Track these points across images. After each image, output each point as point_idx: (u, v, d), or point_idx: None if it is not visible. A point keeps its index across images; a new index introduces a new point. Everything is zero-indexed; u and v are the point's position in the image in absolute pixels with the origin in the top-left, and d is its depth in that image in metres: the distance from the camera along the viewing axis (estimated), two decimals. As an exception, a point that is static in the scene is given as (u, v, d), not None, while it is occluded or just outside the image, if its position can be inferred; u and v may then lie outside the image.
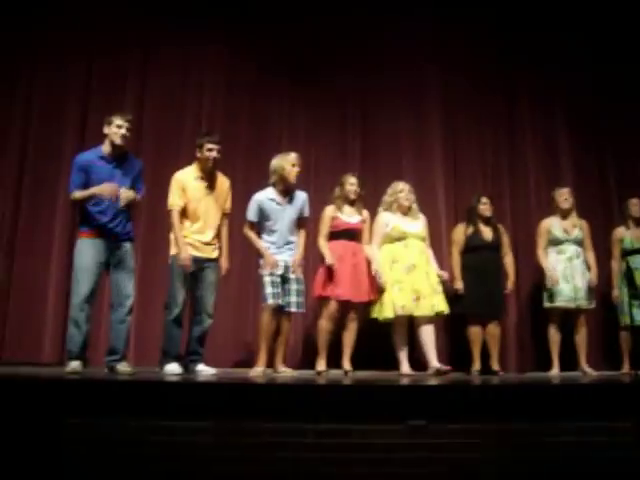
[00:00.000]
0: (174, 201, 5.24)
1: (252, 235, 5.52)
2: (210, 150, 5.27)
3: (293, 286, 5.46)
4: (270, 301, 5.30)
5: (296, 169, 5.54)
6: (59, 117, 6.59)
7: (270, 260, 5.37)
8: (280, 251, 5.47)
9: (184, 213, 5.25)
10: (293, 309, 5.47)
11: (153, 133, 6.72)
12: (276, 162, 5.57)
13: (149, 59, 6.88)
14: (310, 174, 6.83)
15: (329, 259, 5.57)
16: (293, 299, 5.45)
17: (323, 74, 7.09)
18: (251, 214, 5.52)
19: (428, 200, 6.61)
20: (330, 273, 5.58)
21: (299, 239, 5.62)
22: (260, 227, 5.54)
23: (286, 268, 5.45)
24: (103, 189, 4.80)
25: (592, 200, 7.04)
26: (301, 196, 5.66)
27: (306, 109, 7.10)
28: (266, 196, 5.52)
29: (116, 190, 4.83)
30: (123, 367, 4.82)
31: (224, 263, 5.36)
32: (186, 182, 5.28)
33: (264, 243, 5.48)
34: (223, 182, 5.46)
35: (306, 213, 5.69)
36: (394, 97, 7.17)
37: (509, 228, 6.65)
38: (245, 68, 7.03)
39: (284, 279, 5.43)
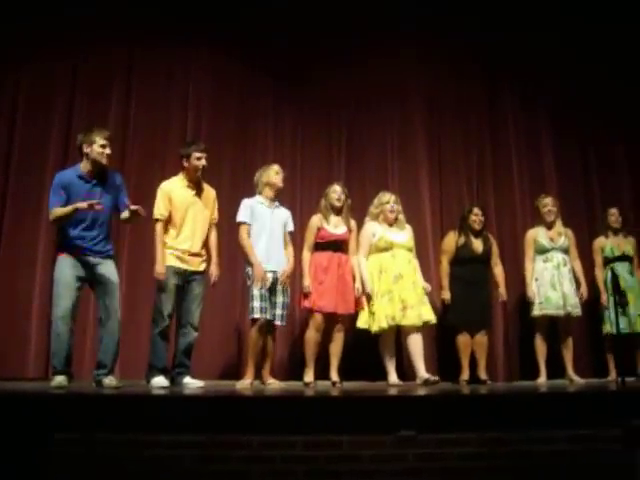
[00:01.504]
0: (159, 211, 5.23)
1: (247, 243, 5.49)
2: (199, 159, 5.28)
3: (279, 299, 5.48)
4: (257, 315, 5.31)
5: (280, 176, 5.67)
6: (43, 130, 6.54)
7: (259, 273, 5.37)
8: (267, 260, 5.46)
9: (171, 223, 5.24)
10: (277, 322, 5.49)
11: (138, 141, 6.69)
12: (260, 174, 5.71)
13: (134, 62, 6.85)
14: (296, 182, 6.87)
15: (307, 282, 5.61)
16: (278, 312, 5.47)
17: (308, 79, 7.10)
18: (244, 216, 5.54)
19: (413, 207, 6.61)
20: (315, 285, 5.59)
21: (289, 252, 5.64)
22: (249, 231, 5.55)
23: (275, 280, 5.45)
24: (84, 205, 4.66)
25: (577, 208, 7.11)
26: (286, 210, 5.76)
27: (291, 116, 7.11)
28: (255, 200, 5.62)
29: (96, 205, 4.70)
30: (110, 381, 4.77)
31: (214, 270, 5.34)
32: (172, 192, 5.27)
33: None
34: (209, 192, 5.47)
35: (290, 227, 5.73)
36: (379, 103, 7.19)
37: (494, 237, 6.65)
38: (231, 73, 7.04)
39: (271, 291, 5.43)
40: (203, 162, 5.30)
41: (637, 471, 3.71)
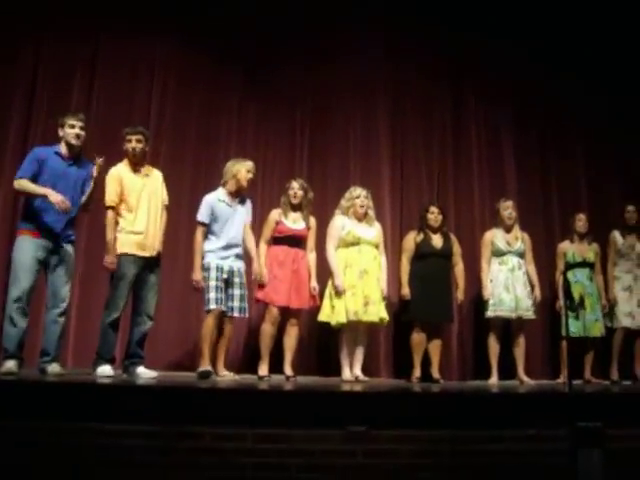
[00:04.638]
0: (110, 197, 5.10)
1: (198, 245, 5.43)
2: (129, 141, 5.17)
3: (236, 291, 5.44)
4: (212, 306, 5.28)
5: (250, 176, 5.57)
6: (3, 114, 6.42)
7: (197, 278, 5.36)
8: (226, 255, 5.44)
9: (126, 207, 5.13)
10: (236, 314, 5.45)
11: (100, 132, 6.57)
12: (232, 164, 5.59)
13: (98, 54, 6.75)
14: (258, 178, 6.82)
15: (263, 272, 5.62)
16: (236, 304, 5.43)
17: (273, 76, 7.08)
18: (203, 215, 5.46)
19: (374, 204, 6.59)
20: (270, 278, 5.62)
21: (252, 249, 5.61)
22: (208, 230, 5.49)
23: (231, 273, 5.42)
24: (57, 198, 4.66)
25: (534, 214, 7.21)
26: (247, 203, 5.69)
27: (255, 111, 7.08)
28: (217, 197, 5.51)
29: (66, 205, 4.69)
30: (53, 368, 4.74)
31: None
32: (122, 176, 5.16)
33: (210, 246, 5.43)
34: (157, 174, 5.37)
35: (249, 219, 5.69)
36: (342, 101, 7.23)
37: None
38: (195, 67, 6.98)
39: (227, 284, 5.41)
40: (133, 144, 5.14)
41: (581, 471, 3.80)
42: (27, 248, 4.76)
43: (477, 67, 7.49)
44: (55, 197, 4.69)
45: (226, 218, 5.47)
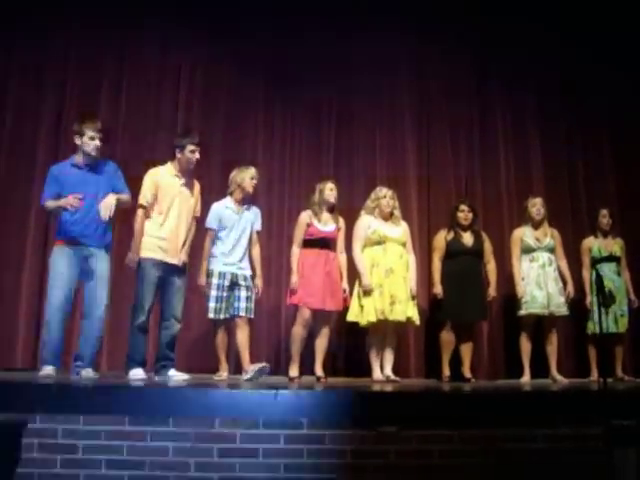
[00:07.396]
0: (144, 198, 5.16)
1: (206, 248, 5.48)
2: (192, 152, 5.25)
3: (242, 293, 5.42)
4: (211, 315, 5.35)
5: (254, 182, 5.61)
6: (33, 125, 6.54)
7: (202, 283, 5.40)
8: (231, 262, 5.45)
9: (156, 210, 5.19)
10: (242, 314, 5.39)
11: (127, 138, 6.67)
12: (236, 174, 5.63)
13: (124, 65, 6.87)
14: (284, 179, 6.92)
15: (294, 279, 5.64)
16: (242, 304, 5.40)
17: (298, 77, 7.10)
18: (212, 222, 5.51)
19: (401, 206, 6.58)
20: (302, 282, 5.61)
21: (256, 258, 5.62)
22: (215, 236, 5.52)
23: (235, 277, 5.42)
24: (66, 201, 4.75)
25: (562, 211, 7.13)
26: (255, 209, 5.71)
27: (281, 113, 7.14)
28: (224, 204, 5.57)
29: (76, 200, 4.73)
30: (87, 373, 4.80)
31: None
32: (160, 178, 5.23)
33: (215, 251, 5.47)
34: (196, 185, 5.44)
35: (257, 227, 5.69)
36: (368, 105, 7.24)
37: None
38: (221, 69, 7.07)
39: (232, 287, 5.41)
40: (197, 155, 5.27)
41: (616, 470, 3.75)
42: (61, 257, 4.85)
43: (503, 60, 7.45)
44: (64, 202, 4.76)
45: (232, 225, 5.50)
